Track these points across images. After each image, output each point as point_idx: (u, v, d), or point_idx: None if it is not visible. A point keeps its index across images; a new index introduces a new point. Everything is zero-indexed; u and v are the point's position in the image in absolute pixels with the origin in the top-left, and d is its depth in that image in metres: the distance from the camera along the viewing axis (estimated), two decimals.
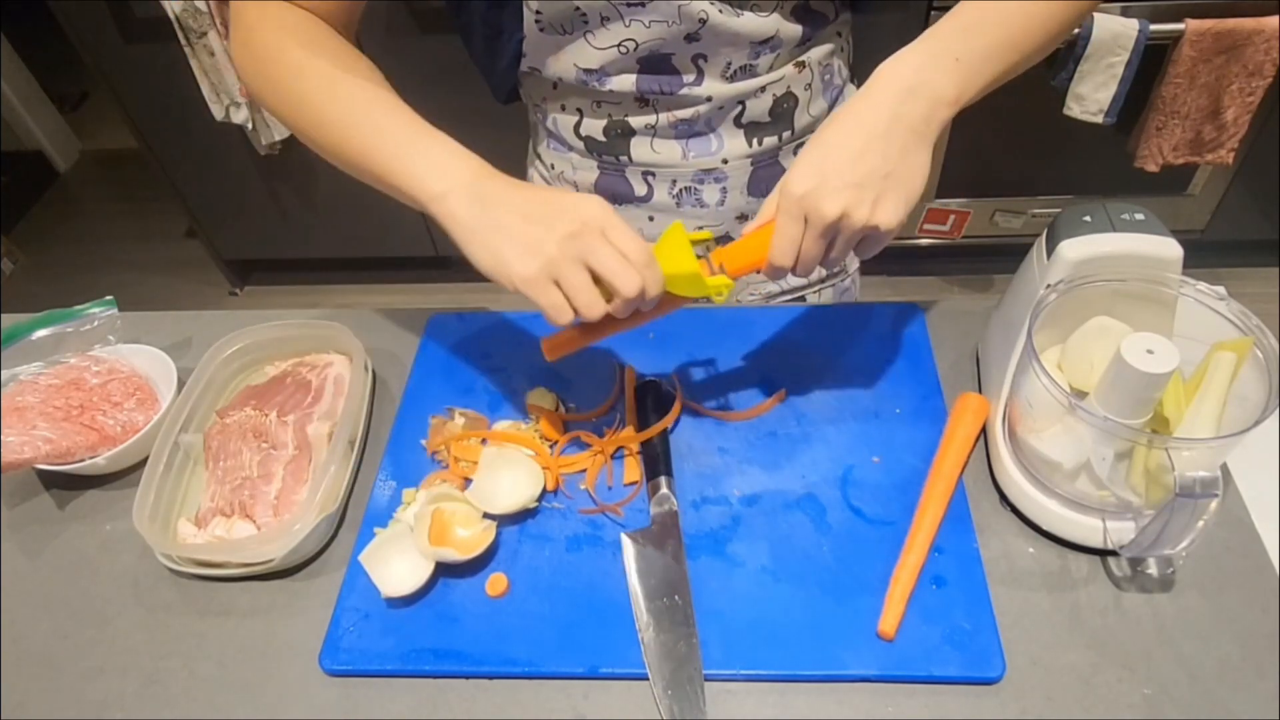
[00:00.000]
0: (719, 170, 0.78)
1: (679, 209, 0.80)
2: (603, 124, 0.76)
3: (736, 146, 0.76)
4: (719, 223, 0.82)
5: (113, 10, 1.77)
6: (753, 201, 0.81)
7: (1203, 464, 0.51)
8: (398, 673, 0.61)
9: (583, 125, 0.77)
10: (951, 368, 0.78)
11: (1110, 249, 0.61)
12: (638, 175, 0.79)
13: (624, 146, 0.77)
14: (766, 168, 0.79)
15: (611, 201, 0.80)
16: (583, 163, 0.80)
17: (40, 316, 0.88)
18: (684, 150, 0.76)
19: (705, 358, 0.80)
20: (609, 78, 0.72)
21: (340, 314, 0.86)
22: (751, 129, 0.76)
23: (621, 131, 0.76)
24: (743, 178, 0.79)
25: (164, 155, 2.07)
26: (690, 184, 0.78)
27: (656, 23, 0.67)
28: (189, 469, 0.75)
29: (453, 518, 0.66)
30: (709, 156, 0.77)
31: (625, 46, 0.69)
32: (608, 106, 0.75)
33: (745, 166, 0.78)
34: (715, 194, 0.79)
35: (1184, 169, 1.81)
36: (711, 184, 0.78)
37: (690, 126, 0.75)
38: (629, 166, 0.78)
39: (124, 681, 0.63)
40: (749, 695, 0.58)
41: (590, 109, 0.75)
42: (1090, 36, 1.52)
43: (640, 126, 0.75)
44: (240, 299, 2.46)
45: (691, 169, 0.77)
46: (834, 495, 0.68)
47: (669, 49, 0.69)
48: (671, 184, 0.79)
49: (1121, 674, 0.57)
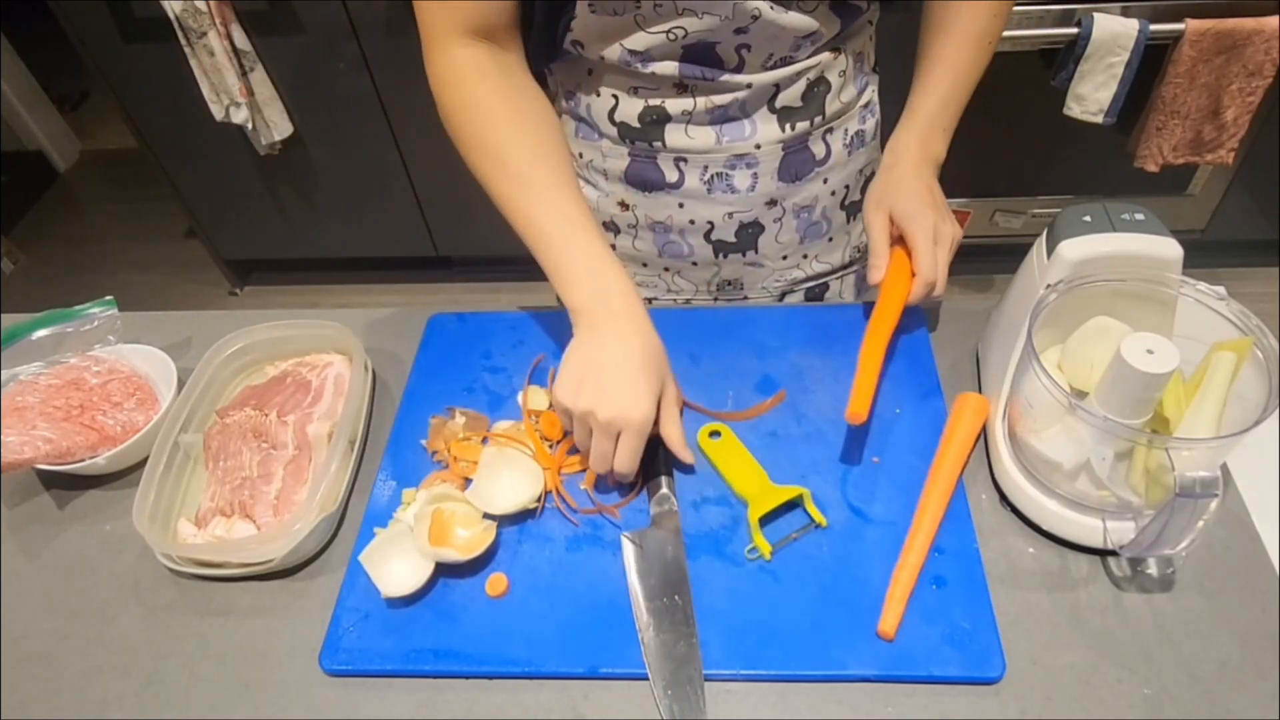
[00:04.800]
0: (751, 155, 0.78)
1: (710, 195, 0.81)
2: (639, 109, 0.76)
3: (769, 131, 0.77)
4: (749, 208, 0.82)
5: (113, 10, 1.78)
6: (782, 186, 0.81)
7: (1203, 464, 0.51)
8: (398, 673, 0.61)
9: (618, 110, 0.77)
10: (951, 368, 0.78)
11: (1110, 249, 0.61)
12: (669, 161, 0.79)
13: (658, 133, 0.78)
14: (796, 153, 0.80)
15: (641, 189, 0.81)
16: (613, 150, 0.80)
17: (40, 316, 0.88)
18: (718, 135, 0.77)
19: (705, 358, 0.80)
20: (653, 62, 0.72)
21: (340, 314, 0.86)
22: (785, 114, 0.77)
23: (657, 118, 0.76)
24: (774, 163, 0.79)
25: (164, 155, 2.07)
26: (722, 169, 0.79)
27: (709, 15, 0.68)
28: (189, 469, 0.75)
29: (453, 518, 0.66)
30: (742, 141, 0.78)
31: (674, 34, 0.70)
32: (645, 92, 0.75)
33: (777, 151, 0.79)
34: (746, 179, 0.80)
35: (1184, 169, 1.81)
36: (743, 169, 0.79)
37: (725, 112, 0.76)
38: (661, 153, 0.79)
39: (124, 681, 0.63)
40: (749, 695, 0.58)
41: (627, 94, 0.76)
42: (1090, 36, 1.52)
43: (676, 112, 0.76)
44: (240, 299, 2.46)
45: (724, 154, 0.78)
46: (834, 495, 0.68)
47: (716, 38, 0.70)
48: (703, 170, 0.79)
49: (1121, 674, 0.57)
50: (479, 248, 2.23)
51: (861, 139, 0.85)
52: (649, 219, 0.84)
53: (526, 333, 0.84)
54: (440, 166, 2.01)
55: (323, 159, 2.04)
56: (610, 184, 0.84)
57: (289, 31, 1.78)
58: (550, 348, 0.82)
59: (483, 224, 2.15)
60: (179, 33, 1.71)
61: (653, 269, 0.90)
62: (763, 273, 0.89)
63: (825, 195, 0.85)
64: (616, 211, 0.86)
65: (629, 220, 0.86)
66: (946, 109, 0.77)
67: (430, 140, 1.96)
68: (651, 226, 0.85)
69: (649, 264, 0.90)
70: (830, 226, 0.88)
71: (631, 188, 0.82)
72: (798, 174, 0.81)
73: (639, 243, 0.88)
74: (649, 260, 0.89)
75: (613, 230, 0.88)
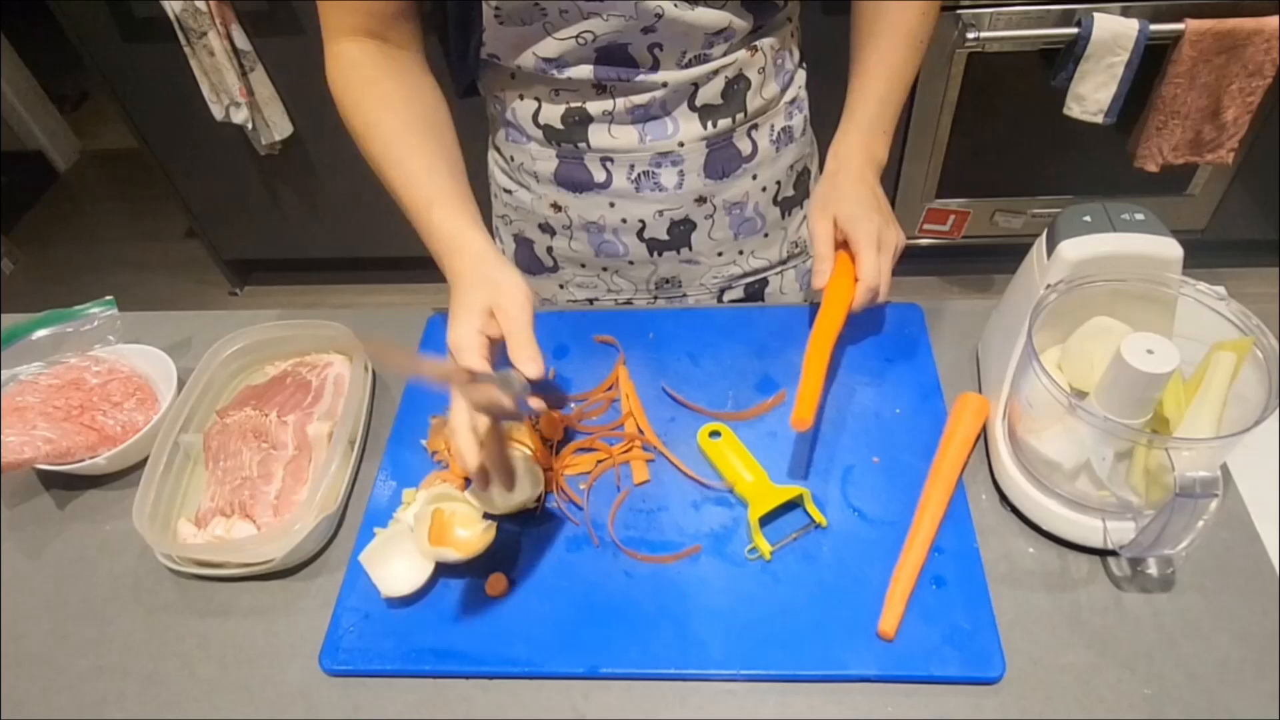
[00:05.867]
0: (676, 153, 0.79)
1: (638, 193, 0.82)
2: (561, 111, 0.77)
3: (691, 129, 0.78)
4: (678, 205, 0.83)
5: (113, 10, 1.77)
6: (710, 183, 0.82)
7: (1203, 464, 0.51)
8: (398, 673, 0.61)
9: (541, 113, 0.78)
10: (951, 368, 0.78)
11: (1110, 249, 0.61)
12: (596, 161, 0.80)
13: (582, 133, 0.78)
14: (720, 149, 0.81)
15: (571, 189, 0.83)
16: (541, 152, 0.81)
17: (40, 316, 0.88)
18: (640, 134, 0.78)
19: (705, 358, 0.80)
20: (567, 67, 0.73)
21: (340, 314, 0.86)
22: (705, 111, 0.78)
23: (579, 119, 0.77)
24: (699, 160, 0.80)
25: (164, 155, 2.07)
26: (648, 168, 0.80)
27: (614, 16, 0.69)
28: (189, 469, 0.75)
29: (453, 518, 0.66)
30: (665, 139, 0.78)
31: (583, 38, 0.70)
32: (565, 94, 0.76)
33: (701, 149, 0.80)
34: (673, 177, 0.81)
35: (1184, 169, 1.81)
36: (669, 167, 0.80)
37: (646, 111, 0.77)
38: (587, 153, 0.80)
39: (124, 681, 0.63)
40: (749, 695, 0.58)
41: (549, 97, 0.77)
42: (1090, 36, 1.52)
43: (598, 113, 0.77)
44: (240, 299, 2.45)
45: (649, 153, 0.79)
46: (834, 495, 0.68)
47: (626, 39, 0.71)
48: (630, 169, 0.80)
49: (1121, 674, 0.57)
50: None
51: (790, 134, 0.85)
52: (582, 219, 0.85)
53: None
54: None
55: (323, 159, 2.04)
56: (541, 186, 0.84)
57: (289, 31, 1.78)
58: (551, 348, 0.82)
59: None
60: (179, 33, 1.71)
61: (591, 269, 0.91)
62: (699, 269, 0.90)
63: (756, 191, 0.85)
64: (550, 213, 0.86)
65: (563, 221, 0.86)
66: (885, 110, 0.77)
67: None
68: (585, 227, 0.86)
69: (587, 264, 0.90)
70: (764, 223, 0.89)
71: (562, 189, 0.83)
72: (724, 170, 0.82)
73: (574, 244, 0.88)
74: (586, 260, 0.90)
75: (548, 232, 0.89)
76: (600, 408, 0.76)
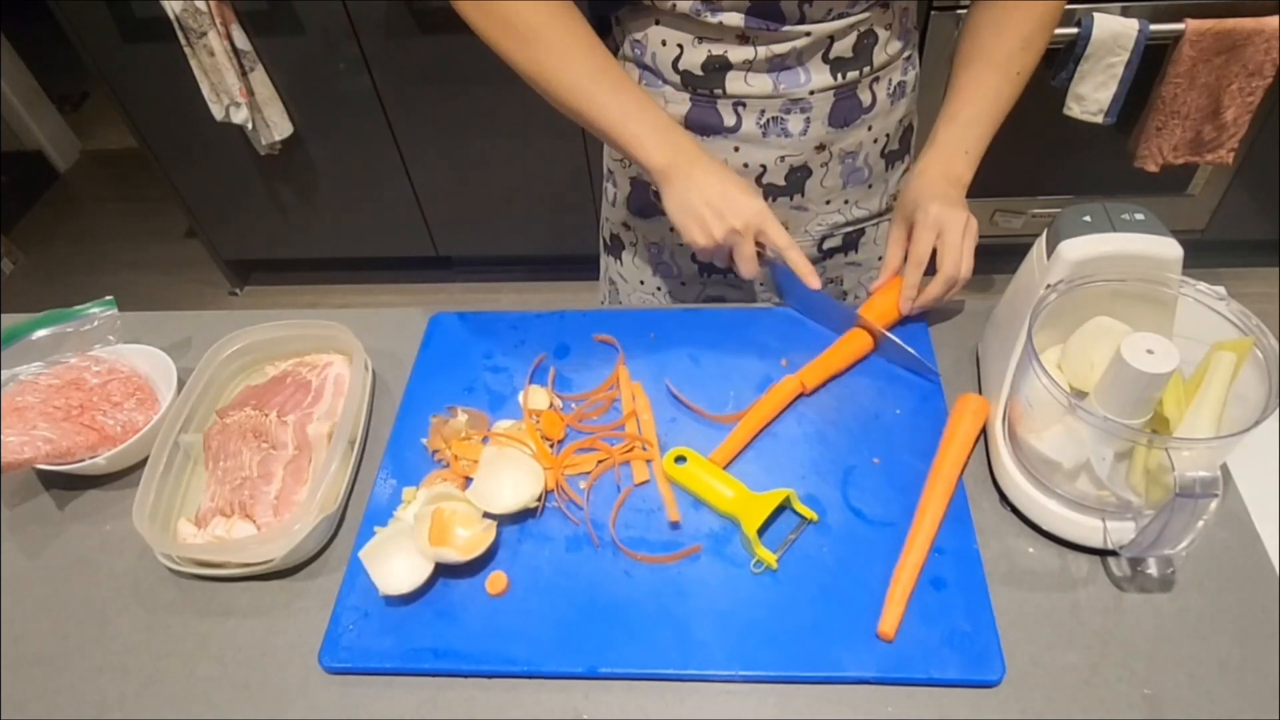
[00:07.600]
0: (806, 100, 0.82)
1: (765, 139, 0.84)
2: (703, 58, 0.79)
3: (822, 79, 0.81)
4: (799, 152, 0.85)
5: (113, 10, 1.77)
6: (832, 132, 0.85)
7: (1203, 464, 0.51)
8: (397, 671, 0.61)
9: (682, 59, 0.80)
10: (951, 368, 0.78)
11: (1110, 249, 0.61)
12: (728, 107, 0.83)
13: (720, 80, 0.81)
14: (846, 99, 0.83)
15: (700, 133, 0.85)
16: (676, 95, 0.83)
17: (40, 316, 0.88)
18: (774, 83, 0.80)
19: (705, 358, 0.80)
20: (721, 12, 0.75)
21: (340, 314, 0.86)
22: (837, 64, 0.80)
23: (719, 65, 0.80)
24: (825, 108, 0.83)
25: (164, 155, 2.07)
26: (778, 114, 0.82)
27: None
28: (189, 469, 0.75)
29: (453, 517, 0.66)
30: (798, 88, 0.81)
31: None
32: (708, 43, 0.78)
33: (829, 98, 0.82)
34: (800, 124, 0.83)
35: (1184, 169, 1.81)
36: (797, 114, 0.82)
37: (783, 61, 0.79)
38: (721, 99, 0.82)
39: (124, 681, 0.63)
40: (749, 695, 0.58)
41: (691, 44, 0.79)
42: (1090, 36, 1.52)
43: (738, 61, 0.79)
44: (240, 299, 2.45)
45: (781, 100, 0.81)
46: (834, 496, 0.68)
47: None
48: (760, 114, 0.82)
49: (1121, 674, 0.57)
50: (479, 248, 2.23)
51: (903, 89, 0.88)
52: None
53: (528, 332, 0.84)
54: (440, 166, 2.01)
55: (323, 159, 2.04)
56: None
57: (289, 31, 1.78)
58: (551, 347, 0.82)
59: (483, 224, 2.15)
60: (179, 33, 1.71)
61: None
62: (806, 216, 0.92)
63: (869, 142, 0.88)
64: None
65: None
66: (964, 130, 0.82)
67: (430, 140, 1.96)
68: None
69: None
70: (871, 173, 0.91)
71: (690, 131, 0.85)
72: (846, 120, 0.84)
73: None
74: None
75: None
76: (600, 408, 0.76)
